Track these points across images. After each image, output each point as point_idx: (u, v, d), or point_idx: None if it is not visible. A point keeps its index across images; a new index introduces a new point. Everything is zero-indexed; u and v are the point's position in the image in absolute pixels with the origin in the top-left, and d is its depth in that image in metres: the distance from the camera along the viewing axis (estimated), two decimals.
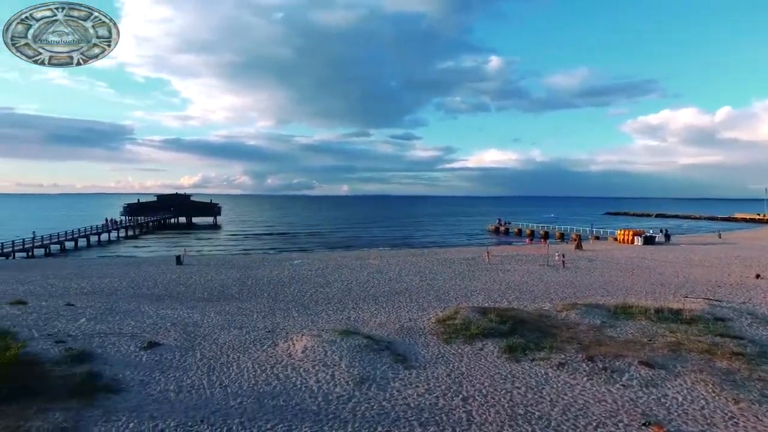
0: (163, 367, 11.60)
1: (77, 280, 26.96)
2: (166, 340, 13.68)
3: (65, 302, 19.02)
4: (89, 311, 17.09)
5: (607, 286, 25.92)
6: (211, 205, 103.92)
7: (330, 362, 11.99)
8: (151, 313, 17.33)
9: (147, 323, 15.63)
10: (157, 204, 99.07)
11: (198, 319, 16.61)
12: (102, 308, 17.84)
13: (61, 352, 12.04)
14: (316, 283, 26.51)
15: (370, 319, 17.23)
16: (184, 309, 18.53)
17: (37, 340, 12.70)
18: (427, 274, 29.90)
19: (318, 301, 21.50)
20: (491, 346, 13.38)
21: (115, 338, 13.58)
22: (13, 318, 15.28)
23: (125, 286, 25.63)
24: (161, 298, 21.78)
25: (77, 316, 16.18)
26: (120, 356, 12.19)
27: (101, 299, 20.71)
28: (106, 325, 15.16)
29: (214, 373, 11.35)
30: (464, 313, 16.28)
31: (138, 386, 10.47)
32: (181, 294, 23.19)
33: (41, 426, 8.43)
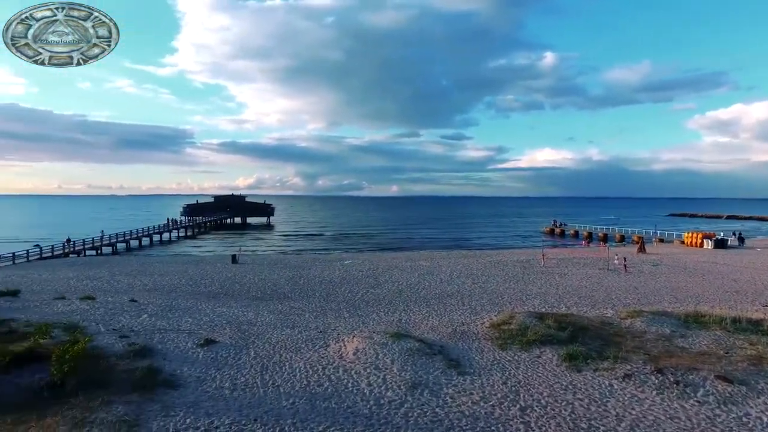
0: (218, 365, 11.81)
1: (140, 278, 28.31)
2: (222, 337, 13.97)
3: (129, 298, 19.96)
4: (151, 308, 17.82)
5: (675, 292, 24.28)
6: (265, 205, 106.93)
7: (381, 365, 11.79)
8: (207, 311, 17.84)
9: (204, 320, 16.07)
10: (214, 205, 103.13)
11: (252, 318, 16.91)
12: (163, 305, 18.56)
13: (125, 346, 12.54)
14: (367, 284, 26.49)
15: (422, 322, 16.92)
16: (239, 307, 18.96)
17: (103, 335, 13.30)
18: (480, 276, 29.20)
19: (369, 302, 21.42)
20: (550, 353, 12.73)
21: (174, 334, 14.02)
22: (82, 312, 16.16)
23: (184, 283, 26.62)
24: (217, 296, 22.44)
25: (140, 312, 16.90)
26: (178, 352, 12.55)
27: (162, 296, 21.58)
28: (166, 321, 15.71)
29: (267, 372, 11.43)
30: (520, 318, 15.64)
31: (195, 383, 10.70)
32: (236, 292, 23.80)
33: (105, 418, 8.74)
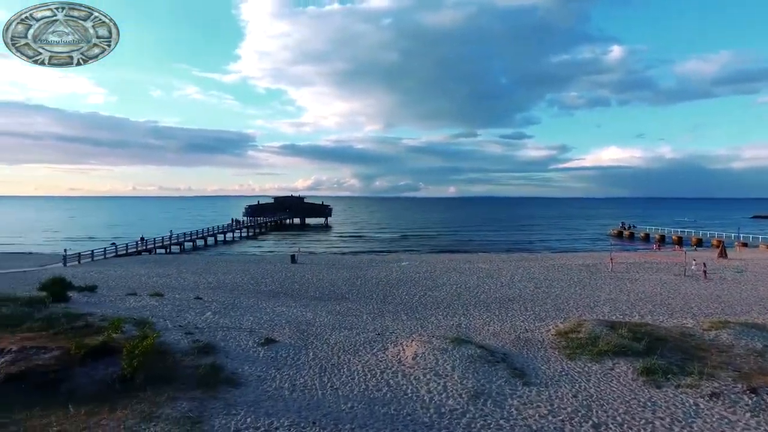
0: (278, 364, 11.85)
1: (205, 275, 29.43)
2: (282, 337, 14.06)
3: (195, 296, 20.70)
4: (214, 305, 18.35)
5: (764, 302, 22.06)
6: (323, 206, 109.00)
7: (442, 372, 11.36)
8: (268, 310, 18.12)
9: (264, 319, 16.31)
10: (274, 205, 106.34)
11: (310, 318, 16.98)
12: (225, 303, 19.07)
13: (190, 343, 12.87)
14: (425, 286, 26.07)
15: (483, 327, 16.30)
16: (298, 307, 19.14)
17: (170, 331, 13.75)
18: (542, 281, 27.97)
19: (427, 304, 21.01)
20: (624, 366, 11.78)
21: (236, 332, 14.28)
22: (152, 308, 16.87)
23: (246, 282, 27.37)
24: (277, 295, 22.83)
25: (204, 309, 17.42)
26: (240, 350, 12.73)
27: (225, 294, 22.23)
28: (229, 319, 16.08)
29: (325, 374, 11.32)
30: (589, 327, 14.67)
31: (255, 382, 10.76)
32: (295, 292, 24.14)
33: (170, 414, 8.90)
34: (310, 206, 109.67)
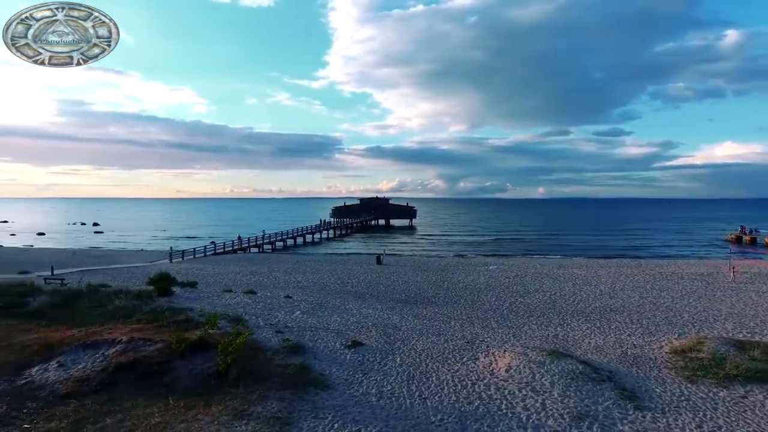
0: (365, 369, 11.59)
1: (295, 275, 30.33)
2: (368, 340, 13.84)
3: (285, 294, 21.26)
4: (303, 305, 18.65)
5: None
6: (408, 208, 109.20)
7: (539, 387, 10.42)
8: (354, 311, 18.07)
9: (351, 321, 16.23)
10: (359, 207, 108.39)
11: (397, 322, 16.64)
12: (314, 302, 19.34)
13: (280, 342, 13.05)
14: (515, 291, 24.75)
15: (583, 340, 14.95)
16: (384, 309, 18.91)
17: (262, 329, 14.07)
18: (649, 290, 25.40)
19: (518, 312, 19.83)
20: (759, 394, 10.08)
21: (323, 333, 14.30)
22: (245, 305, 17.49)
23: (333, 282, 27.77)
24: (363, 296, 22.82)
25: (293, 308, 17.75)
26: (327, 352, 12.67)
27: (313, 293, 22.63)
28: (317, 319, 16.20)
29: (413, 382, 10.86)
30: (712, 345, 12.86)
31: (343, 385, 10.57)
32: (381, 294, 24.00)
33: (261, 413, 8.92)
34: (395, 207, 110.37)
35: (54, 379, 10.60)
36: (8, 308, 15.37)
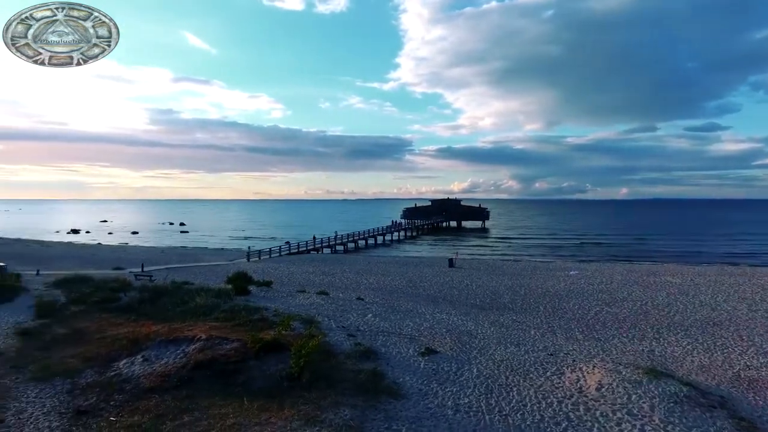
0: (440, 378, 11.00)
1: (366, 276, 30.25)
2: (442, 347, 13.22)
3: (356, 296, 21.11)
4: (375, 307, 18.35)
5: None
6: (480, 209, 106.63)
7: (637, 411, 9.28)
8: (427, 316, 17.49)
9: (424, 326, 15.67)
10: (431, 208, 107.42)
11: (472, 328, 15.85)
12: (386, 305, 18.99)
13: (352, 346, 12.78)
14: (601, 300, 22.94)
15: (684, 358, 13.35)
16: (458, 315, 18.16)
17: (334, 332, 13.89)
18: (758, 302, 22.54)
19: (605, 322, 18.26)
20: None
21: (396, 338, 13.87)
22: (317, 306, 17.48)
23: (404, 284, 27.34)
24: (436, 301, 22.16)
25: (365, 311, 17.49)
26: (400, 358, 12.21)
27: (385, 296, 22.31)
28: (389, 323, 15.80)
29: (492, 396, 10.11)
30: None
31: (416, 395, 10.06)
32: (455, 298, 23.20)
33: (333, 420, 8.62)
34: (467, 209, 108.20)
35: (139, 372, 11.02)
36: (103, 303, 16.41)
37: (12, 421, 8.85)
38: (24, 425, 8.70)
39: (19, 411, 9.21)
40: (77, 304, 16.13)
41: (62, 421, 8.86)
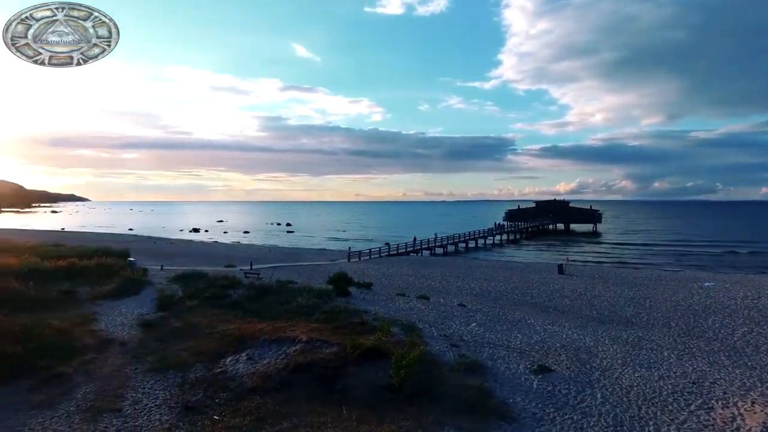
0: (557, 402, 9.67)
1: (467, 281, 28.95)
2: (557, 366, 11.77)
3: (458, 302, 20.04)
4: (479, 316, 17.18)
5: None
6: (591, 211, 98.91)
7: None
8: (537, 327, 15.95)
9: (534, 339, 14.23)
10: (535, 210, 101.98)
11: (590, 345, 14.08)
12: (490, 314, 17.72)
13: (455, 357, 11.85)
14: (749, 318, 19.46)
15: None
16: (572, 328, 16.35)
17: (436, 340, 13.05)
18: None
19: (759, 346, 15.27)
20: None
21: (504, 351, 12.67)
22: (418, 312, 16.76)
23: (509, 291, 25.68)
24: (546, 310, 20.34)
25: (468, 319, 16.40)
26: (510, 375, 11.04)
27: (488, 303, 20.97)
28: (495, 334, 14.59)
29: (623, 429, 8.59)
30: None
31: (530, 420, 8.88)
32: (567, 309, 21.15)
33: None
34: (576, 211, 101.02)
35: (243, 371, 11.09)
36: (214, 298, 17.18)
37: (128, 411, 9.21)
38: (138, 416, 8.98)
39: (135, 401, 9.59)
40: (192, 299, 17.03)
41: (171, 415, 9.03)
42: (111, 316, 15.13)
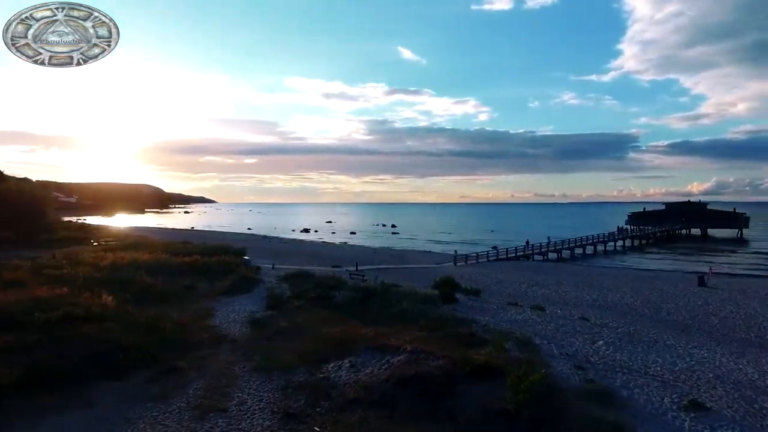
0: None
1: (587, 290, 26.20)
2: (715, 403, 9.61)
3: (579, 315, 17.92)
4: (606, 332, 15.07)
5: None
6: (736, 214, 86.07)
7: None
8: (680, 351, 13.49)
9: (679, 366, 11.95)
10: (664, 213, 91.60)
11: (756, 379, 11.48)
12: (620, 331, 15.47)
13: (581, 382, 10.24)
14: None
15: None
16: (726, 354, 13.61)
17: (556, 360, 11.48)
18: None
19: None
20: None
21: (641, 379, 10.72)
22: (533, 325, 15.13)
23: (639, 304, 22.67)
24: (688, 330, 17.41)
25: (593, 335, 14.42)
26: (652, 410, 9.18)
27: (616, 318, 18.51)
28: (628, 356, 12.55)
29: None
30: None
31: None
32: (715, 329, 17.94)
33: None
34: (716, 214, 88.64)
35: (345, 379, 10.58)
36: (320, 299, 17.14)
37: (234, 411, 9.09)
38: (242, 419, 8.81)
39: (240, 402, 9.48)
40: (299, 299, 17.16)
41: (273, 421, 8.74)
42: (225, 313, 15.68)
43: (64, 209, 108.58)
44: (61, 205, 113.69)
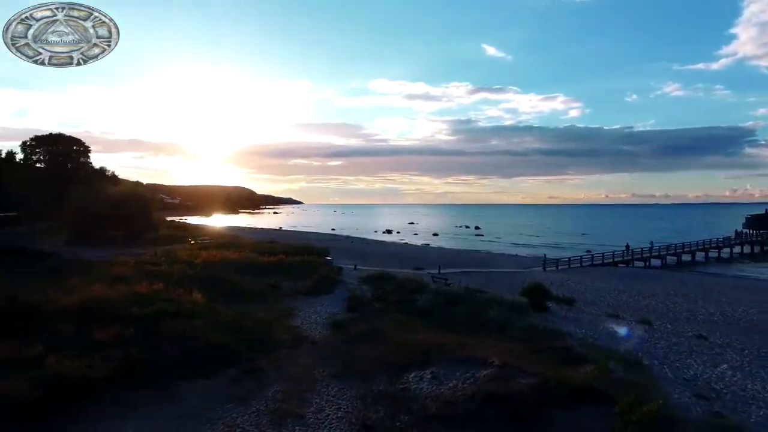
0: None
1: (702, 303, 23.24)
2: None
3: (694, 332, 15.73)
4: (730, 353, 12.98)
5: None
6: None
7: None
8: None
9: None
10: None
11: None
12: (747, 353, 13.26)
13: (705, 414, 8.70)
14: None
15: None
16: None
17: (671, 385, 9.93)
18: None
19: None
20: None
21: None
22: (640, 341, 13.41)
23: (764, 321, 19.61)
24: None
25: (714, 357, 12.45)
26: None
27: (739, 336, 16.06)
28: (762, 384, 10.60)
29: None
30: None
31: None
32: None
33: None
34: None
35: (426, 392, 9.90)
36: (400, 303, 16.60)
37: (311, 419, 8.77)
38: (319, 427, 8.46)
39: (318, 409, 9.15)
40: (379, 302, 16.75)
41: None
42: (307, 313, 15.66)
43: (168, 209, 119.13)
44: (166, 206, 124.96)
